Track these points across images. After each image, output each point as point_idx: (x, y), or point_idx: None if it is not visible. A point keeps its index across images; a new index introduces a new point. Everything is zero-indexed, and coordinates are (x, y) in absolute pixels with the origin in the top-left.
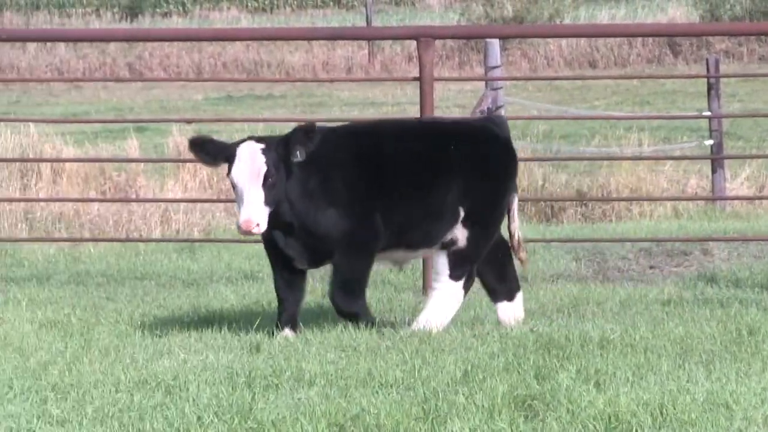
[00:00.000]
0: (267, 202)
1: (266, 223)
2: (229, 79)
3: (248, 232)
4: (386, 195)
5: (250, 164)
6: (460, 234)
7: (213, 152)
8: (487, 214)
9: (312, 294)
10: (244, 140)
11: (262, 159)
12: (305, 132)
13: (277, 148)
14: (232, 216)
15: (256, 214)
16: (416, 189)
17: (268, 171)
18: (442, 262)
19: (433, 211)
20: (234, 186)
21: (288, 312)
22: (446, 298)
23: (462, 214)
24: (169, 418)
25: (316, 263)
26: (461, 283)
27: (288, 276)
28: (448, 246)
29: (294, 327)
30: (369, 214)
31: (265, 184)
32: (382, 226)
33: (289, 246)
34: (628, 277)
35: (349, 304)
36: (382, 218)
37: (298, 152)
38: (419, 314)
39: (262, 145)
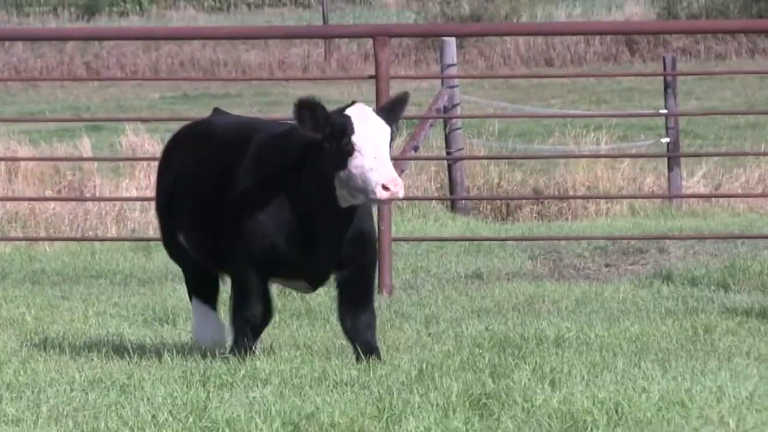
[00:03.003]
0: None
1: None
2: (185, 78)
3: (394, 196)
4: None
5: (375, 124)
6: None
7: (321, 120)
8: None
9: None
10: (347, 106)
11: (382, 120)
12: (405, 99)
13: (383, 114)
14: None
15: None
16: None
17: (392, 132)
18: None
19: None
20: (354, 150)
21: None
22: None
23: None
24: (123, 417)
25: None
26: None
27: (267, 293)
28: None
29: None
30: None
31: (390, 147)
32: None
33: (329, 245)
34: (584, 275)
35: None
36: None
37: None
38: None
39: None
